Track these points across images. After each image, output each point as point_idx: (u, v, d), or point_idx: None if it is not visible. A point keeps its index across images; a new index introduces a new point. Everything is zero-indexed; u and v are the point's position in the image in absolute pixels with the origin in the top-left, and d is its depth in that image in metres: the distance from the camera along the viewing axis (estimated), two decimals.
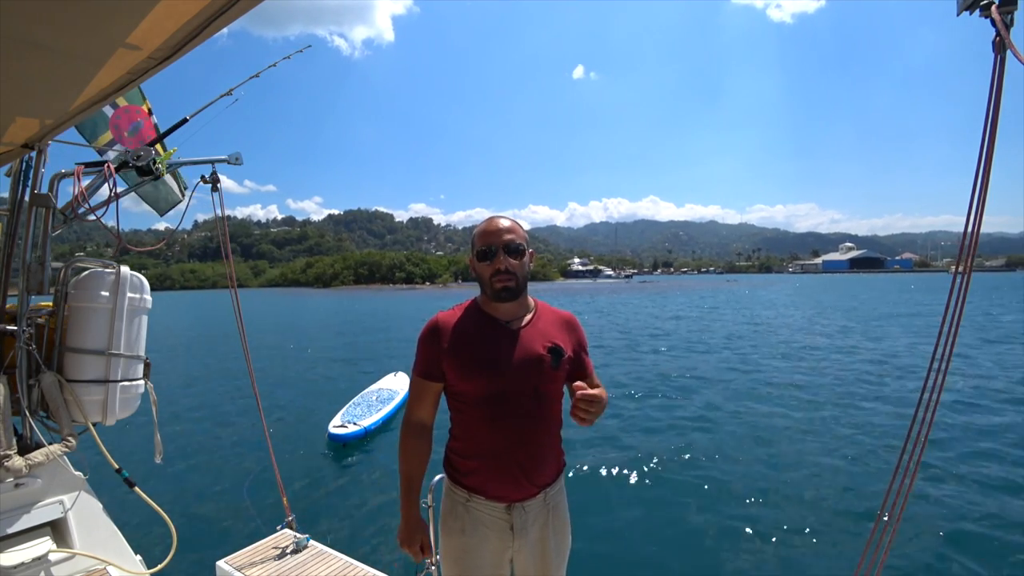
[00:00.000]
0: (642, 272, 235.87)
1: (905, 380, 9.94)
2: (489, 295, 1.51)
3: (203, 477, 5.95)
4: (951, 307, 1.23)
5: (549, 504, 1.55)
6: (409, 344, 17.48)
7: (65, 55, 1.14)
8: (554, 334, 1.54)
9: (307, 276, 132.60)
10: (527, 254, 1.53)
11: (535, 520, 1.52)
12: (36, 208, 2.26)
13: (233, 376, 12.24)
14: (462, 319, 1.53)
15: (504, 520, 1.50)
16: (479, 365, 1.46)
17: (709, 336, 17.47)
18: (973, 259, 1.20)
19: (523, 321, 1.54)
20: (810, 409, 8.00)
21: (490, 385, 1.45)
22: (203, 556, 3.57)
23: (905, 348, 13.90)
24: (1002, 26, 1.02)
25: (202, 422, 8.37)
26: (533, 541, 1.53)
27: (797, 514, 4.59)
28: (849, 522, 4.41)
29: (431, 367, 1.52)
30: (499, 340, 1.49)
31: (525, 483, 1.49)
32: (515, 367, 1.46)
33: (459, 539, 1.53)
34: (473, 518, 1.51)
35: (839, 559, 3.86)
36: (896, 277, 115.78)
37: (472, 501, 1.51)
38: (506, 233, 1.49)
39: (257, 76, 2.94)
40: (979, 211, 1.16)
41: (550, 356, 1.48)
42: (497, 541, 1.51)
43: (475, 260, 1.52)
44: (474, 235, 1.55)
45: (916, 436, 1.31)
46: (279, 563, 2.61)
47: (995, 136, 1.10)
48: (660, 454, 6.10)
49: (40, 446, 2.21)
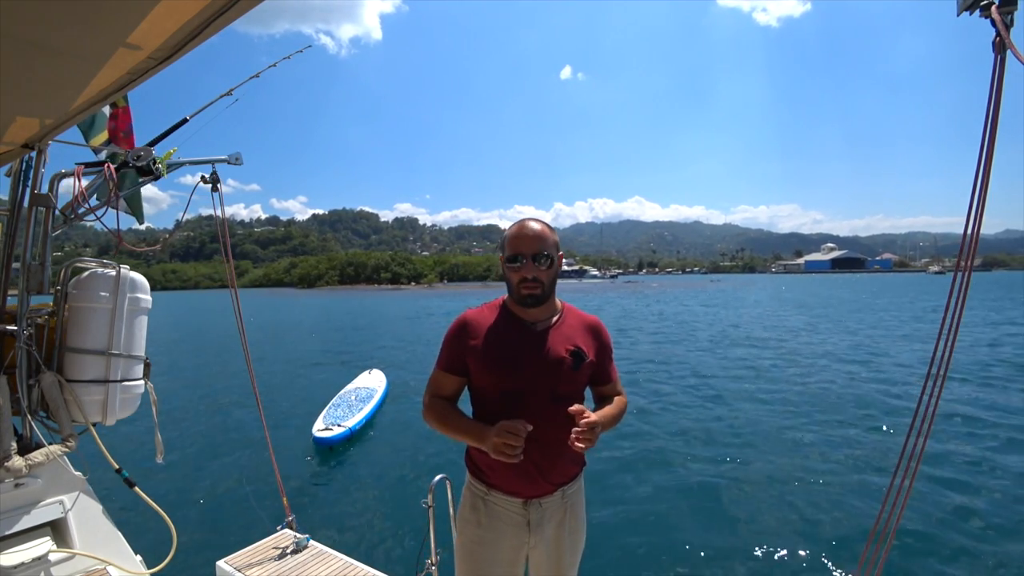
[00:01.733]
0: (627, 272, 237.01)
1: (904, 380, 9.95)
2: (515, 299, 1.55)
3: (203, 477, 5.95)
4: (951, 307, 1.22)
5: (567, 503, 1.57)
6: (395, 344, 17.64)
7: (66, 55, 1.14)
8: (577, 338, 1.57)
9: (291, 276, 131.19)
10: (557, 259, 1.55)
11: (551, 517, 1.55)
12: (36, 208, 2.27)
13: (229, 377, 12.25)
14: (489, 318, 1.58)
15: (521, 515, 1.52)
16: (500, 364, 1.50)
17: (702, 334, 17.51)
18: (973, 259, 1.20)
19: (548, 323, 1.57)
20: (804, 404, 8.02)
21: (509, 383, 1.49)
22: (203, 556, 3.57)
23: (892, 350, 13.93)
24: (1002, 26, 1.01)
25: (202, 422, 8.37)
26: (549, 539, 1.55)
27: (789, 515, 4.59)
28: (850, 521, 4.41)
29: (455, 362, 1.55)
30: (522, 341, 1.53)
31: (541, 480, 1.51)
32: (535, 368, 1.49)
33: (475, 531, 1.55)
34: (490, 512, 1.54)
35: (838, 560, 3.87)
36: (877, 277, 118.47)
37: (491, 495, 1.54)
38: (536, 242, 1.50)
39: (257, 76, 2.94)
40: (979, 211, 1.15)
41: (571, 359, 1.51)
42: (513, 537, 1.53)
43: (505, 263, 1.56)
44: (505, 237, 1.57)
45: (916, 438, 1.31)
46: (279, 563, 2.61)
47: (995, 136, 1.10)
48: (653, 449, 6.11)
49: (40, 446, 2.21)
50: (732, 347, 14.90)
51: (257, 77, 2.93)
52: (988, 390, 8.94)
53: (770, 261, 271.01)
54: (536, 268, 1.50)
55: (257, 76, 2.93)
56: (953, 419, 7.18)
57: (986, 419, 7.18)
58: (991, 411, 7.60)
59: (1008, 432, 6.61)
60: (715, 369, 11.54)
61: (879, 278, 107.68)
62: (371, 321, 28.49)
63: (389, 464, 6.15)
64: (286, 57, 3.06)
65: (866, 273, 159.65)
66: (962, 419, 7.20)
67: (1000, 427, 6.83)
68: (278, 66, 3.02)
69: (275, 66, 3.02)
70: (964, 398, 8.35)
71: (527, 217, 1.58)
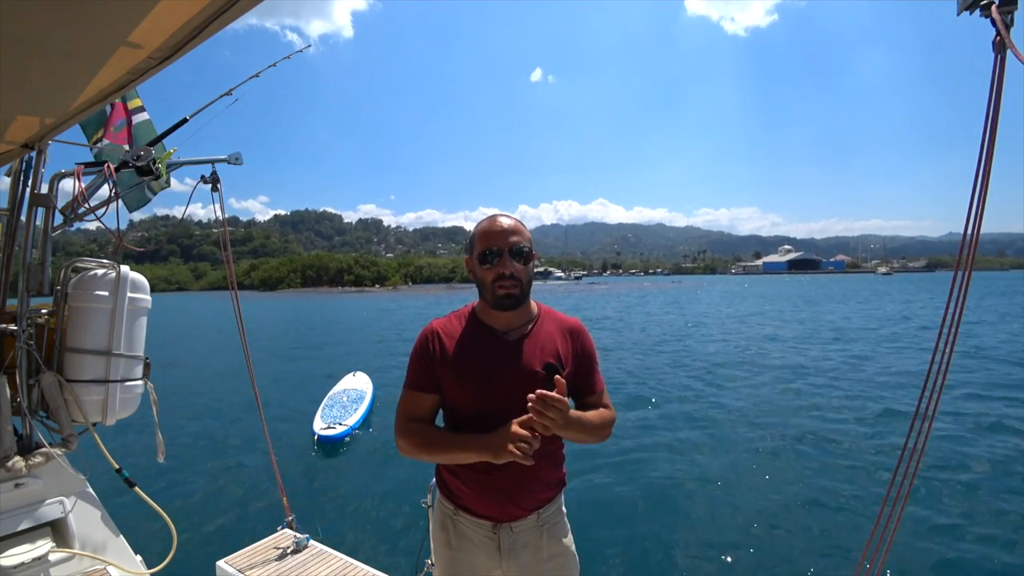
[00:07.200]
0: (592, 273, 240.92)
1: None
2: (489, 302, 1.39)
3: (203, 477, 5.95)
4: (951, 307, 1.22)
5: (543, 527, 1.43)
6: (364, 345, 17.67)
7: (66, 54, 1.14)
8: (554, 346, 1.41)
9: (252, 279, 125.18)
10: (532, 257, 1.41)
11: (526, 544, 1.41)
12: (36, 208, 2.26)
13: (224, 379, 12.24)
14: (456, 328, 1.43)
15: (491, 539, 1.40)
16: (469, 380, 1.36)
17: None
18: (973, 259, 1.19)
19: (522, 331, 1.42)
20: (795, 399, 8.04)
21: (478, 402, 1.35)
22: (203, 556, 3.56)
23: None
24: (1002, 26, 1.01)
25: (202, 422, 8.37)
26: (525, 566, 1.41)
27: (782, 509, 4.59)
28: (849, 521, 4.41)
29: (425, 379, 1.40)
30: (492, 353, 1.38)
31: (511, 506, 1.39)
32: (506, 383, 1.34)
33: (446, 551, 1.46)
34: (459, 533, 1.44)
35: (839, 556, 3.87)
36: (832, 277, 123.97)
37: (458, 516, 1.43)
38: (512, 234, 1.36)
39: (257, 76, 2.93)
40: (979, 211, 1.15)
41: (545, 373, 1.33)
42: (484, 559, 1.41)
43: (475, 263, 1.40)
44: (474, 235, 1.43)
45: (915, 441, 1.31)
46: (279, 563, 2.61)
47: (995, 136, 1.10)
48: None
49: (40, 446, 2.21)
50: (705, 343, 14.96)
51: (257, 76, 2.93)
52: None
53: (730, 263, 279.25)
54: (513, 264, 1.35)
55: (257, 76, 2.93)
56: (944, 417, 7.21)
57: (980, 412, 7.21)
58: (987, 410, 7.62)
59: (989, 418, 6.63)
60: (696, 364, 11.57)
61: (833, 278, 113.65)
62: (339, 324, 28.54)
63: (389, 464, 6.14)
64: (286, 57, 3.06)
65: (821, 274, 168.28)
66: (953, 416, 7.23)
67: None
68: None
69: (275, 66, 3.01)
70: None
71: (496, 213, 1.44)
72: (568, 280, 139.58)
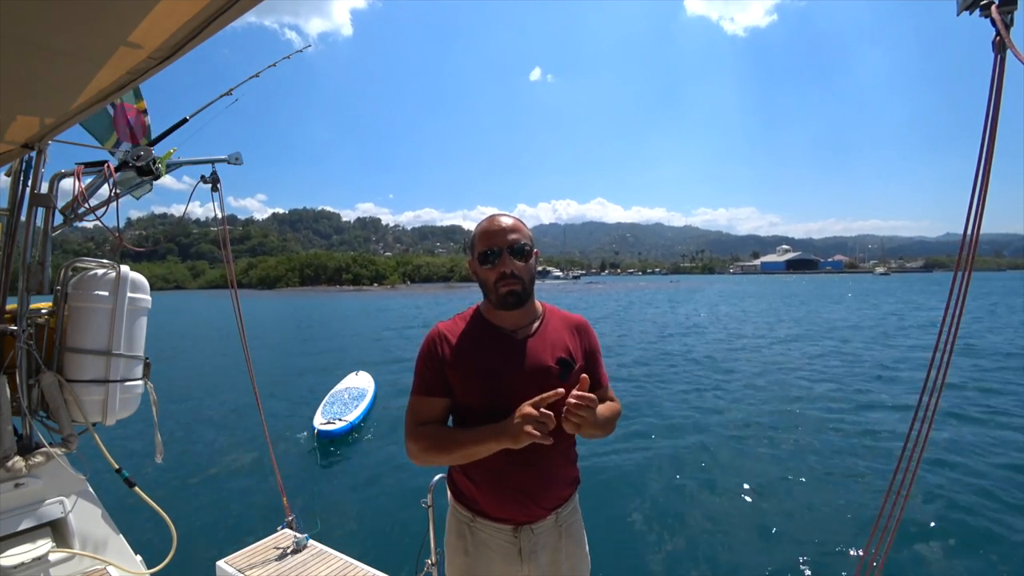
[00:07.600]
0: (590, 273, 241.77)
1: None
2: (493, 302, 1.39)
3: (203, 477, 5.95)
4: (951, 307, 1.22)
5: (561, 526, 1.43)
6: (363, 343, 17.66)
7: (66, 54, 1.14)
8: (563, 343, 1.42)
9: (250, 278, 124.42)
10: (533, 255, 1.41)
11: (545, 544, 1.40)
12: (36, 208, 2.26)
13: (223, 378, 12.23)
14: (462, 329, 1.42)
15: (511, 544, 1.37)
16: (480, 380, 1.35)
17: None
18: (973, 259, 1.20)
19: (529, 330, 1.41)
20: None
21: (492, 402, 1.32)
22: (203, 556, 3.56)
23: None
24: (1002, 26, 1.01)
25: (202, 422, 8.37)
26: (544, 567, 1.39)
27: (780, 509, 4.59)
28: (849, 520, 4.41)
29: (434, 383, 1.38)
30: (503, 352, 1.37)
31: (531, 505, 1.37)
32: (519, 381, 1.33)
33: (462, 559, 1.42)
34: (477, 540, 1.40)
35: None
36: (830, 277, 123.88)
37: (476, 523, 1.40)
38: (511, 232, 1.36)
39: (257, 76, 2.93)
40: (979, 211, 1.15)
41: (559, 368, 1.35)
42: (504, 565, 1.38)
43: (476, 263, 1.40)
44: (474, 235, 1.42)
45: (915, 439, 1.31)
46: (279, 563, 2.61)
47: (995, 137, 1.10)
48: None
49: (40, 446, 2.21)
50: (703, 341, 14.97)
51: (257, 76, 2.92)
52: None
53: (728, 262, 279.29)
54: (514, 262, 1.35)
55: (257, 76, 2.92)
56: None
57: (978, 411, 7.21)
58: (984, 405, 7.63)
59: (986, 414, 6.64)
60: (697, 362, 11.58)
61: (831, 278, 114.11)
62: (337, 323, 28.54)
63: (389, 464, 6.14)
64: (286, 57, 3.06)
65: (819, 274, 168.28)
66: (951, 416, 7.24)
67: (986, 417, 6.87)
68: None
69: (275, 66, 3.01)
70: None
71: (495, 213, 1.44)
72: (566, 279, 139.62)
